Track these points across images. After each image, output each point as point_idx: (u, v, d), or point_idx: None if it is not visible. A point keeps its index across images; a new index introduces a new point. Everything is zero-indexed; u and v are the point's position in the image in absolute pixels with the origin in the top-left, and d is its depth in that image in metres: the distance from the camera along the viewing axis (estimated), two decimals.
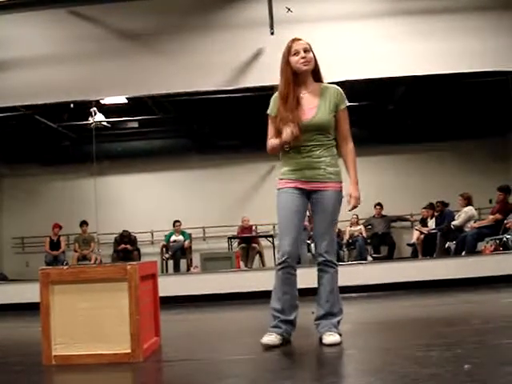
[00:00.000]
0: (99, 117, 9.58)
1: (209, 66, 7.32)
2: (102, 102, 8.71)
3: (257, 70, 7.22)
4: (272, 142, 3.70)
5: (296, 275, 3.70)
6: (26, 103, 7.92)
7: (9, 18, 7.43)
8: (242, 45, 7.20)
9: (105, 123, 10.40)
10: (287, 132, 3.53)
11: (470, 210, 8.79)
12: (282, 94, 3.66)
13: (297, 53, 3.65)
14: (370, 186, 11.17)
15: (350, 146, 3.73)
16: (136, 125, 11.74)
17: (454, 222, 8.85)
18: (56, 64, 7.46)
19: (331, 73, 7.19)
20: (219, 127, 11.48)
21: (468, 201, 8.85)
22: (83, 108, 8.92)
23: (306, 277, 3.91)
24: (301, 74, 3.68)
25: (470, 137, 10.91)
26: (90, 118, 9.09)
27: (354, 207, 3.69)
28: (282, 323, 3.66)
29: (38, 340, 3.51)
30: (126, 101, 8.85)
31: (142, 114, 11.12)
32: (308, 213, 3.78)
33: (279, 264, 3.66)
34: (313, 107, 3.65)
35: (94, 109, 8.95)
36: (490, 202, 9.64)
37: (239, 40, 7.27)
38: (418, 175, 11.20)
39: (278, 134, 3.64)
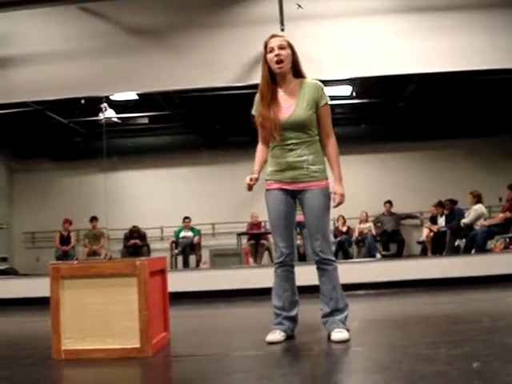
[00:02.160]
0: (110, 113, 9.62)
1: (219, 62, 7.33)
2: (112, 97, 8.73)
3: None
4: (256, 155, 3.77)
5: (294, 272, 3.75)
6: (37, 99, 7.96)
7: (20, 14, 7.46)
8: (252, 41, 7.18)
9: (115, 119, 10.44)
10: (245, 182, 3.60)
11: (479, 208, 8.75)
12: (261, 92, 3.67)
13: (272, 50, 3.61)
14: (379, 183, 11.38)
15: (332, 143, 3.69)
16: (146, 121, 11.76)
17: (463, 220, 8.82)
18: (67, 60, 7.49)
19: (340, 69, 7.29)
20: (229, 123, 11.49)
21: (478, 199, 8.81)
22: (94, 104, 8.94)
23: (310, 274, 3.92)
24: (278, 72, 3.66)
25: (480, 134, 10.87)
26: (100, 114, 9.12)
27: (339, 204, 3.67)
28: (285, 320, 3.71)
29: (48, 334, 3.54)
30: (137, 97, 8.87)
31: (152, 110, 11.14)
32: None
33: (277, 263, 3.70)
34: (291, 105, 3.62)
35: (105, 105, 8.98)
36: (500, 200, 9.61)
37: (249, 36, 7.26)
38: (428, 173, 11.17)
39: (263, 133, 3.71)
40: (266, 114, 3.60)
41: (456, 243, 8.90)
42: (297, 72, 3.72)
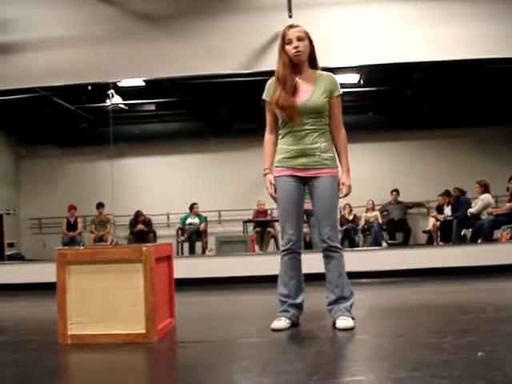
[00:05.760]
0: (116, 99, 9.60)
1: (226, 49, 7.30)
2: (119, 84, 8.72)
3: (274, 54, 7.11)
4: (265, 148, 3.77)
5: (301, 260, 3.75)
6: (44, 84, 7.95)
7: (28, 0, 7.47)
8: (260, 28, 7.16)
9: (122, 105, 10.42)
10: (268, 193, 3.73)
11: (486, 197, 8.71)
12: (281, 77, 3.65)
13: (290, 42, 3.62)
14: (386, 172, 11.35)
15: (342, 134, 3.71)
16: (153, 107, 11.75)
17: (470, 210, 8.79)
18: (74, 46, 7.48)
19: (349, 57, 7.25)
20: (236, 111, 11.46)
21: (485, 188, 8.77)
22: (101, 90, 8.94)
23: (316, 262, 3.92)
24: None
25: (489, 124, 10.79)
26: (107, 100, 9.11)
27: (346, 195, 3.70)
28: (290, 307, 3.72)
29: (54, 319, 3.55)
30: (144, 83, 8.86)
31: (159, 97, 11.12)
32: None
33: (284, 250, 3.71)
34: (308, 90, 3.63)
35: (112, 91, 8.97)
36: (508, 189, 9.56)
37: (257, 23, 7.23)
38: (435, 162, 11.11)
39: (274, 118, 3.70)
40: (286, 95, 3.58)
41: (462, 233, 8.88)
42: (312, 63, 3.73)
